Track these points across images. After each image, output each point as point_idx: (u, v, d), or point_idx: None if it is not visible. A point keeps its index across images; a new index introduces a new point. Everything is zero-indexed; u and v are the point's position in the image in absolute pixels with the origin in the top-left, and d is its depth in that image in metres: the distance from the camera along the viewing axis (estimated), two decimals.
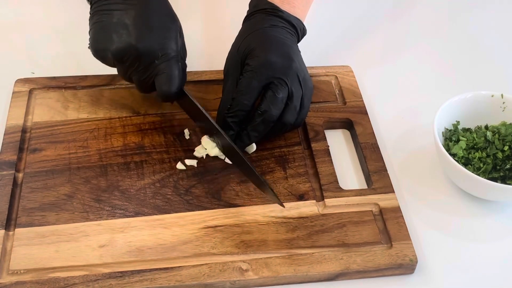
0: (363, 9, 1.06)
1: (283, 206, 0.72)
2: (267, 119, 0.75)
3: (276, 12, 0.80)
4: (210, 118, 0.76)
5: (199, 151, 0.78)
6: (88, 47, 0.75)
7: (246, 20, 0.82)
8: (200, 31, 0.98)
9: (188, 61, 0.77)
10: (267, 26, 0.79)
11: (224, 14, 1.02)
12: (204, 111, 0.76)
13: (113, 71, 0.86)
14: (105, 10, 0.73)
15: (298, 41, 0.83)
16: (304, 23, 0.83)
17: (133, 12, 0.73)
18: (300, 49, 0.81)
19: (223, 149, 0.77)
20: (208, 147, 0.78)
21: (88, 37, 0.75)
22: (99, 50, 0.74)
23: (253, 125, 0.76)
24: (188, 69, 0.77)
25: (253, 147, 0.79)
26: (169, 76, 0.73)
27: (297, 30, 0.82)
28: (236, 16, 0.85)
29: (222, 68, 0.88)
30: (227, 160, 0.78)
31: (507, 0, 1.10)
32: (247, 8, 0.83)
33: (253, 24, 0.80)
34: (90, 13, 0.75)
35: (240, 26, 0.82)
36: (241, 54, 0.77)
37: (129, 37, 0.72)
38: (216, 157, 0.78)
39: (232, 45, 0.80)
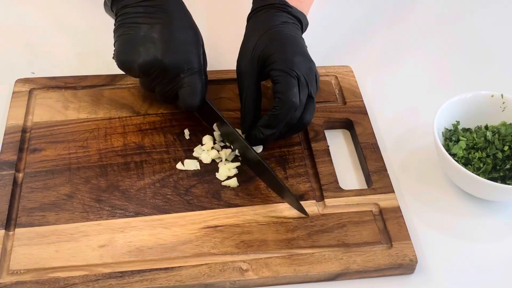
0: (363, 9, 1.06)
1: (307, 215, 0.72)
2: (289, 122, 0.75)
3: (285, 8, 0.79)
4: (229, 125, 0.77)
5: (198, 152, 0.78)
6: (113, 58, 0.77)
7: (253, 15, 0.81)
8: (205, 30, 0.98)
9: None
10: (279, 23, 0.78)
11: (226, 12, 1.02)
12: (224, 118, 0.77)
13: (113, 71, 0.86)
14: (132, 23, 0.75)
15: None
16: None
17: (159, 27, 0.75)
18: None
19: (242, 155, 0.78)
20: (206, 147, 0.78)
21: (98, 34, 0.75)
22: (125, 62, 0.76)
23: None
24: None
25: (260, 147, 0.79)
26: (193, 89, 0.76)
27: (302, 26, 0.81)
28: (238, 14, 0.85)
29: (223, 68, 0.89)
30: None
31: (507, 0, 1.10)
32: (249, 6, 0.83)
33: (264, 21, 0.79)
34: (115, 25, 0.77)
35: (242, 24, 0.82)
36: (257, 56, 0.76)
37: (156, 51, 0.74)
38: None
39: (243, 44, 0.79)
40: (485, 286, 0.71)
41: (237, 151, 0.78)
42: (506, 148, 0.76)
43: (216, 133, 0.80)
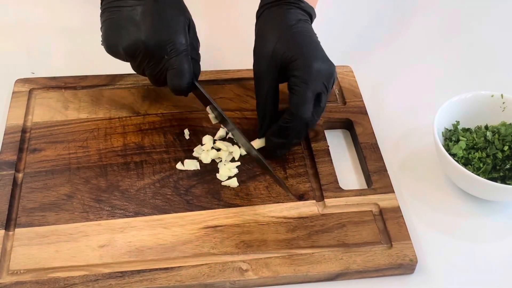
0: (363, 9, 1.06)
1: (298, 199, 0.73)
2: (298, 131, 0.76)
3: (298, 3, 0.77)
4: (220, 110, 0.76)
5: (198, 152, 0.78)
6: (101, 44, 0.76)
7: (264, 11, 0.78)
8: (204, 30, 0.98)
9: None
10: (294, 23, 0.76)
11: (226, 12, 1.02)
12: (214, 103, 0.76)
13: (113, 71, 0.86)
14: (115, 7, 0.74)
15: None
16: None
17: (141, 8, 0.73)
18: None
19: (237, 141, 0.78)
20: (206, 147, 0.78)
21: (98, 34, 0.75)
22: (111, 46, 0.75)
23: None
24: None
25: (263, 143, 0.79)
26: (179, 70, 0.74)
27: (312, 20, 0.80)
28: (238, 14, 0.85)
29: (223, 68, 0.89)
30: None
31: (506, 0, 1.10)
32: (249, 5, 0.82)
33: (277, 19, 0.76)
34: (100, 10, 0.76)
35: (242, 24, 0.81)
36: (277, 61, 0.74)
37: (138, 33, 0.72)
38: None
39: (259, 44, 0.77)
40: (485, 286, 0.71)
41: (241, 148, 0.78)
42: (506, 148, 0.76)
43: (211, 115, 0.79)
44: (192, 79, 0.76)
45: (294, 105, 0.73)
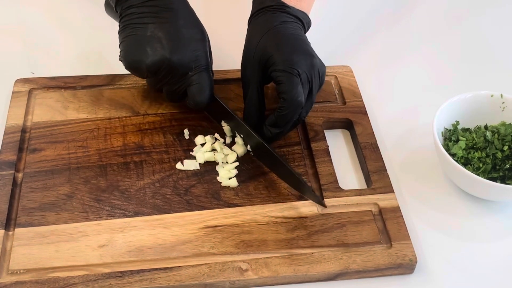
0: (363, 9, 1.06)
1: (325, 206, 0.73)
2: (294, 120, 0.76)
3: (283, 8, 0.79)
4: (239, 119, 0.78)
5: (197, 152, 0.78)
6: (120, 59, 0.77)
7: (252, 19, 0.81)
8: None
9: None
10: (277, 24, 0.78)
11: (226, 12, 1.02)
12: (233, 113, 0.78)
13: (113, 71, 0.86)
14: (138, 24, 0.75)
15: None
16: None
17: (165, 26, 0.75)
18: None
19: (255, 149, 0.78)
20: (205, 148, 0.79)
21: (98, 34, 0.75)
22: (133, 62, 0.76)
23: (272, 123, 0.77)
24: None
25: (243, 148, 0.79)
26: (202, 87, 0.76)
27: (304, 24, 0.81)
28: (238, 14, 0.85)
29: (223, 68, 0.89)
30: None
31: (506, 1, 1.10)
32: (250, 6, 0.83)
33: (263, 23, 0.79)
34: (119, 26, 0.77)
35: (242, 24, 0.82)
36: (258, 60, 0.77)
37: (163, 51, 0.74)
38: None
39: (245, 49, 0.80)
40: (485, 286, 0.71)
41: (249, 147, 0.78)
42: (505, 148, 0.76)
43: (226, 128, 0.80)
44: (213, 94, 0.78)
45: (284, 92, 0.74)
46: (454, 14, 1.06)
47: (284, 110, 0.74)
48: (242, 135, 0.79)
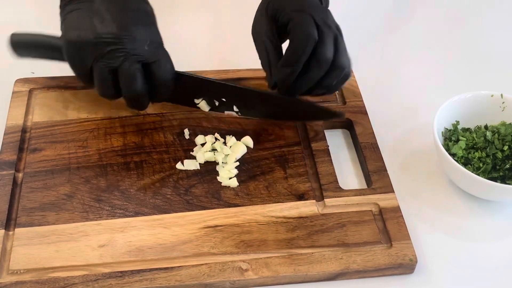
0: (363, 9, 1.06)
1: (343, 115, 0.73)
2: (320, 61, 0.70)
3: None
4: (210, 79, 0.74)
5: (197, 151, 0.78)
6: (58, 44, 0.71)
7: None
8: (204, 30, 0.98)
9: (192, 60, 0.76)
10: None
11: (226, 13, 1.02)
12: (203, 77, 0.75)
13: None
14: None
15: None
16: None
17: (108, 2, 0.69)
18: None
19: (243, 104, 0.75)
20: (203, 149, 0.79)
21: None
22: (77, 38, 0.68)
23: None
24: (191, 69, 0.77)
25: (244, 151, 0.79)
26: (163, 63, 0.71)
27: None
28: (239, 14, 0.85)
29: (223, 68, 0.89)
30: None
31: (506, 0, 1.10)
32: (251, 7, 0.82)
33: None
34: (60, 6, 0.71)
35: (243, 25, 0.82)
36: (270, 15, 0.72)
37: (114, 23, 0.68)
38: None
39: (256, 15, 0.76)
40: (485, 286, 0.71)
41: (235, 107, 0.76)
42: (505, 148, 0.76)
43: (202, 104, 0.78)
44: (175, 70, 0.73)
45: (295, 26, 0.68)
46: (455, 15, 1.06)
47: (295, 43, 0.68)
48: (224, 99, 0.75)
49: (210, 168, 0.77)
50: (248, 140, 0.79)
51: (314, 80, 0.72)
